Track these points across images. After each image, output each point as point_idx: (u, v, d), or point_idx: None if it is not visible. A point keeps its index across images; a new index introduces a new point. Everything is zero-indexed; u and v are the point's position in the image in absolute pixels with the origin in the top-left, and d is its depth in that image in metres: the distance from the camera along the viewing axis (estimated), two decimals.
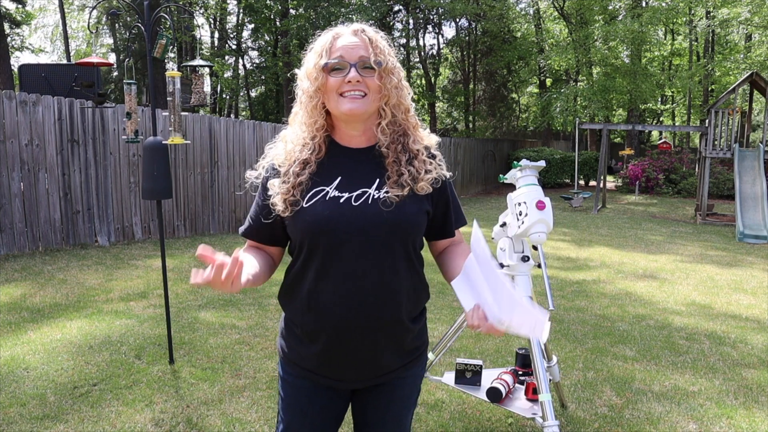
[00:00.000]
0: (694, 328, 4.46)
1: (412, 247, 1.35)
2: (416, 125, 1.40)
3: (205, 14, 21.00)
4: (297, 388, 1.43)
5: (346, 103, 1.28)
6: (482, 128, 25.82)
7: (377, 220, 1.28)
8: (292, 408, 1.44)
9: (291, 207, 1.31)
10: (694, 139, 28.03)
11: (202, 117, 8.47)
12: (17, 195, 6.29)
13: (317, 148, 1.35)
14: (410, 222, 1.31)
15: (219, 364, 3.50)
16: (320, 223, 1.28)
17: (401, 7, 21.22)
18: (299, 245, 1.34)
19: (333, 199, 1.30)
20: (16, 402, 2.92)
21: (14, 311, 4.38)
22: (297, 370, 1.42)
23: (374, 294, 1.29)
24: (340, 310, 1.29)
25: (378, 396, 1.44)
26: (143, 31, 3.31)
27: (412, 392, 1.48)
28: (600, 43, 18.43)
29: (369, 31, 1.32)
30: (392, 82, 1.31)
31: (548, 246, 7.86)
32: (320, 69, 1.29)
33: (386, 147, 1.35)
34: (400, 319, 1.34)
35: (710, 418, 2.97)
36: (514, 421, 2.88)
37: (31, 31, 27.24)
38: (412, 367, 1.44)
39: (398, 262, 1.31)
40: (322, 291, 1.30)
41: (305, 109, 1.35)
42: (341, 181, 1.32)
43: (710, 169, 12.38)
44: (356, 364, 1.36)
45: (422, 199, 1.34)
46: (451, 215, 1.45)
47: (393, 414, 1.46)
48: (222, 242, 7.68)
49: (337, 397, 1.44)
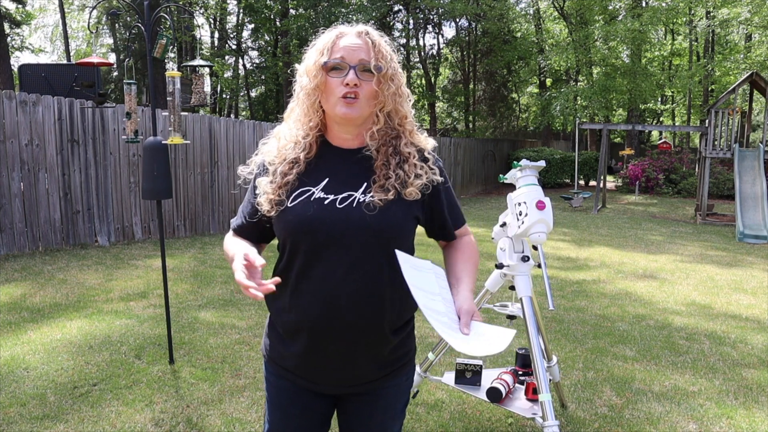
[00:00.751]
0: (694, 328, 4.46)
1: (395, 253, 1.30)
2: (412, 131, 1.38)
3: (205, 14, 21.00)
4: (278, 388, 1.43)
5: (343, 107, 1.27)
6: (482, 128, 25.82)
7: (360, 224, 1.25)
8: (275, 407, 1.44)
9: (276, 207, 1.30)
10: (694, 139, 28.03)
11: (202, 117, 8.48)
12: (17, 195, 6.29)
13: (308, 146, 1.34)
14: (394, 227, 1.28)
15: (219, 364, 3.50)
16: (302, 223, 1.27)
17: (401, 7, 21.22)
18: (282, 244, 1.34)
19: (317, 201, 1.28)
20: (16, 402, 2.92)
21: (14, 311, 4.38)
22: (278, 369, 1.42)
23: (353, 299, 1.26)
24: (318, 312, 1.27)
25: (360, 405, 1.41)
26: (143, 31, 3.31)
27: (396, 402, 1.44)
28: (600, 43, 18.44)
29: (373, 35, 1.30)
30: (390, 89, 1.29)
31: (548, 246, 7.86)
32: (320, 67, 1.28)
33: (376, 150, 1.33)
34: (380, 327, 1.30)
35: (710, 418, 2.97)
36: (514, 421, 2.88)
37: (31, 31, 27.27)
38: (395, 378, 1.40)
39: (381, 269, 1.28)
40: (303, 291, 1.29)
41: (302, 106, 1.34)
42: (328, 183, 1.31)
43: (710, 169, 12.38)
44: (333, 369, 1.34)
45: (410, 204, 1.31)
46: (448, 220, 1.42)
47: (376, 424, 1.43)
48: (222, 242, 7.67)
49: (319, 400, 1.41)
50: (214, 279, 5.59)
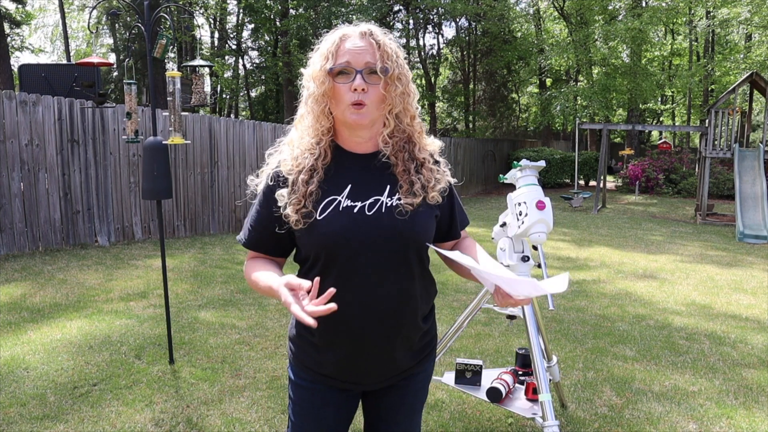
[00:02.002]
0: (694, 328, 4.46)
1: (424, 251, 1.37)
2: (421, 131, 1.39)
3: (205, 14, 20.99)
4: (311, 392, 1.42)
5: (352, 114, 1.27)
6: (482, 128, 25.82)
7: (392, 231, 1.28)
8: (305, 411, 1.43)
9: (304, 219, 1.28)
10: (694, 139, 28.03)
11: (202, 117, 8.48)
12: (17, 195, 6.29)
13: (323, 153, 1.32)
14: (424, 231, 1.33)
15: (219, 364, 3.50)
16: (337, 235, 1.26)
17: (401, 7, 21.22)
18: (314, 257, 1.31)
19: (346, 209, 1.28)
20: (16, 402, 2.92)
21: (14, 311, 4.38)
22: (312, 374, 1.41)
23: (392, 302, 1.30)
24: (358, 320, 1.29)
25: (391, 392, 1.45)
26: (143, 31, 3.31)
27: (423, 387, 1.50)
28: (600, 43, 18.43)
29: (377, 35, 1.28)
30: (397, 90, 1.29)
31: (548, 246, 7.86)
32: (326, 73, 1.27)
33: (393, 155, 1.34)
34: (414, 321, 1.36)
35: (710, 418, 2.97)
36: (514, 421, 2.88)
37: (31, 31, 27.26)
38: (424, 363, 1.47)
39: (413, 268, 1.33)
40: (339, 301, 1.27)
41: (312, 113, 1.32)
42: (352, 189, 1.31)
43: (710, 169, 12.38)
44: (374, 369, 1.37)
45: (433, 207, 1.36)
46: (456, 218, 1.46)
47: (405, 409, 1.48)
48: (222, 242, 7.68)
49: (351, 398, 1.45)
50: (214, 279, 5.59)
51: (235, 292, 5.13)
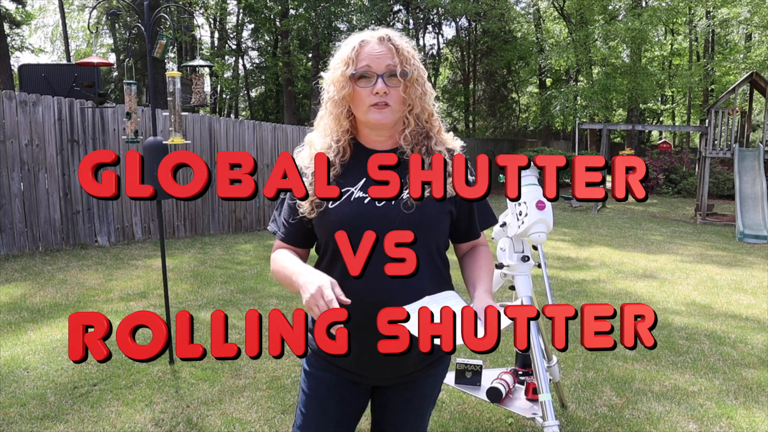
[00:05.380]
0: (694, 328, 4.46)
1: (435, 248, 1.38)
2: (439, 129, 1.43)
3: (205, 14, 20.99)
4: (320, 380, 1.45)
5: (375, 113, 1.31)
6: (482, 128, 25.82)
7: (399, 221, 1.31)
8: (311, 400, 1.46)
9: (316, 209, 1.34)
10: (694, 139, 28.02)
11: (202, 117, 8.48)
12: (17, 195, 6.29)
13: (341, 150, 1.37)
14: (431, 223, 1.34)
15: (219, 364, 3.50)
16: (344, 223, 1.31)
17: (401, 7, 21.22)
18: (324, 245, 1.38)
19: (357, 200, 1.34)
20: (16, 402, 2.92)
21: (14, 311, 4.38)
22: (323, 363, 1.44)
23: (397, 294, 1.31)
24: (365, 311, 1.31)
25: (399, 393, 1.47)
26: (143, 31, 3.31)
27: (433, 391, 1.51)
28: (600, 43, 18.43)
29: (395, 39, 1.33)
30: (417, 91, 1.34)
31: (548, 246, 7.86)
32: (348, 78, 1.31)
33: (410, 149, 1.38)
34: None
35: (710, 418, 2.97)
36: (514, 421, 2.88)
37: (31, 31, 27.23)
38: (435, 367, 1.47)
39: (420, 263, 1.32)
40: (347, 290, 1.30)
41: (331, 114, 1.38)
42: (366, 182, 1.35)
43: (710, 169, 12.38)
44: (381, 363, 1.38)
45: (444, 200, 1.35)
46: (476, 217, 1.46)
47: (413, 411, 1.49)
48: (222, 242, 7.68)
49: (358, 392, 1.46)
50: (214, 279, 5.59)
51: (235, 292, 5.13)
